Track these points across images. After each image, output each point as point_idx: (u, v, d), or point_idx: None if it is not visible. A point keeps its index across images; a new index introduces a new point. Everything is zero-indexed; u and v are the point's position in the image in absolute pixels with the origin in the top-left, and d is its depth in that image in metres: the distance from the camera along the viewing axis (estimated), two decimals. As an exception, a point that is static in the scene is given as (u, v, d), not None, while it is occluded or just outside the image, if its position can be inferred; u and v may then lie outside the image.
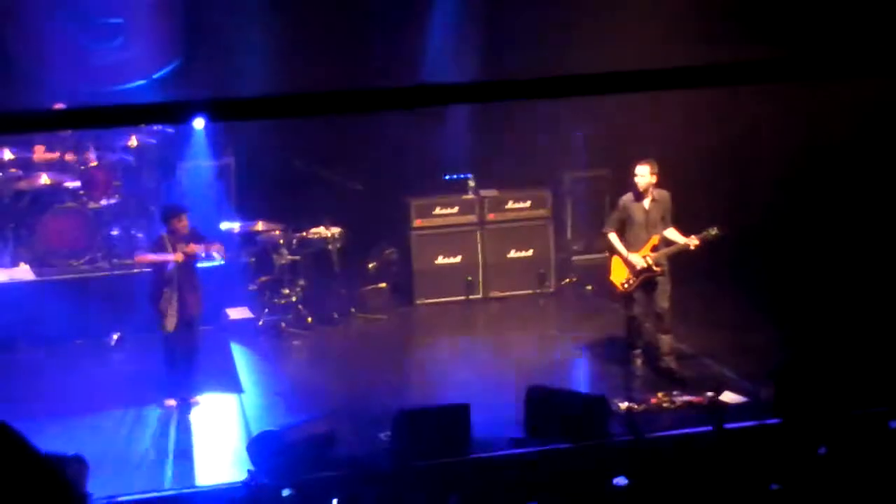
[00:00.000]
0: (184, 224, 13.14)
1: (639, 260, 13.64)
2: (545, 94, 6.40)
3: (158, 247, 13.22)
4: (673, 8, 16.13)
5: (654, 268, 13.63)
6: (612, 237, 13.79)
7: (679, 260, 13.97)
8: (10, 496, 6.10)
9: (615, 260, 13.84)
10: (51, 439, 12.05)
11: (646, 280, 13.69)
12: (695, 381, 13.48)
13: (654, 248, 13.66)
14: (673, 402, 13.00)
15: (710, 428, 11.92)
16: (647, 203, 13.67)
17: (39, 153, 15.78)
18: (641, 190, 13.59)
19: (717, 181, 16.46)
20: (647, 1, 16.35)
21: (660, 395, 13.11)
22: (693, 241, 13.53)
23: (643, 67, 6.59)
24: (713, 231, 13.49)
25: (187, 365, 13.33)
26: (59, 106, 14.99)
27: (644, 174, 13.57)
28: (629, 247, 13.70)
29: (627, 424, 12.49)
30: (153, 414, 13.18)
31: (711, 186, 16.26)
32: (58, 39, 17.16)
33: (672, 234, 13.69)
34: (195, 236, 13.24)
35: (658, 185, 13.67)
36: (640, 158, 13.68)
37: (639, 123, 16.02)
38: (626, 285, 13.76)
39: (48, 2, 17.03)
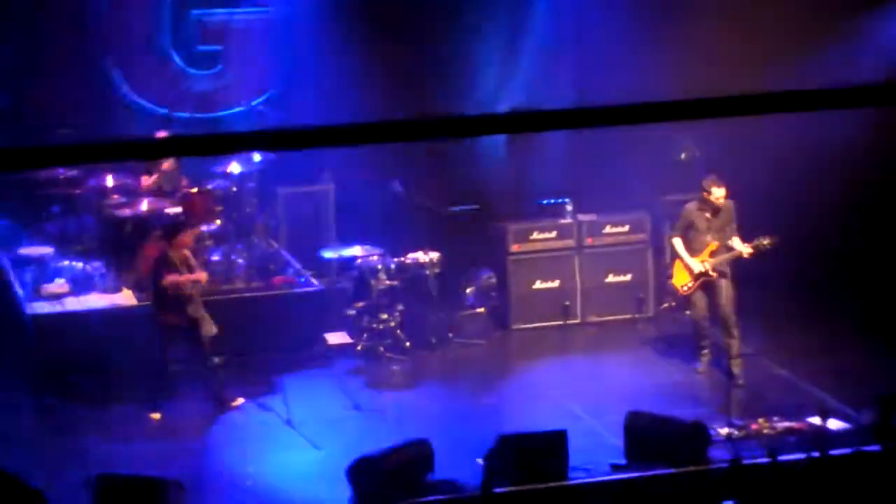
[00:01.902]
0: (187, 240, 13.72)
1: (696, 264, 14.34)
2: (638, 121, 6.36)
3: (166, 264, 13.69)
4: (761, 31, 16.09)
5: (711, 273, 14.27)
6: (676, 241, 14.57)
7: (770, 281, 14.50)
8: None
9: (677, 264, 14.59)
10: (151, 463, 12.24)
11: (704, 284, 14.33)
12: (794, 406, 13.35)
13: (713, 254, 14.28)
14: (773, 429, 12.87)
15: (809, 455, 11.79)
16: (709, 213, 14.34)
17: (144, 180, 16.01)
18: (713, 207, 14.27)
19: (813, 199, 16.29)
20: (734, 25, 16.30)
21: (760, 420, 12.99)
22: (746, 250, 14.14)
23: (734, 92, 6.54)
24: (765, 241, 14.08)
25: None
26: (161, 134, 15.22)
27: (720, 196, 14.27)
28: (691, 252, 14.38)
29: (728, 451, 12.39)
30: (252, 437, 13.28)
31: (806, 205, 16.14)
32: (158, 67, 17.43)
33: (736, 242, 14.29)
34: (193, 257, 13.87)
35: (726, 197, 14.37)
36: (716, 179, 14.28)
37: (736, 145, 15.91)
38: (685, 288, 14.49)
39: (148, 30, 17.31)
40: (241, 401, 13.79)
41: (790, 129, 15.44)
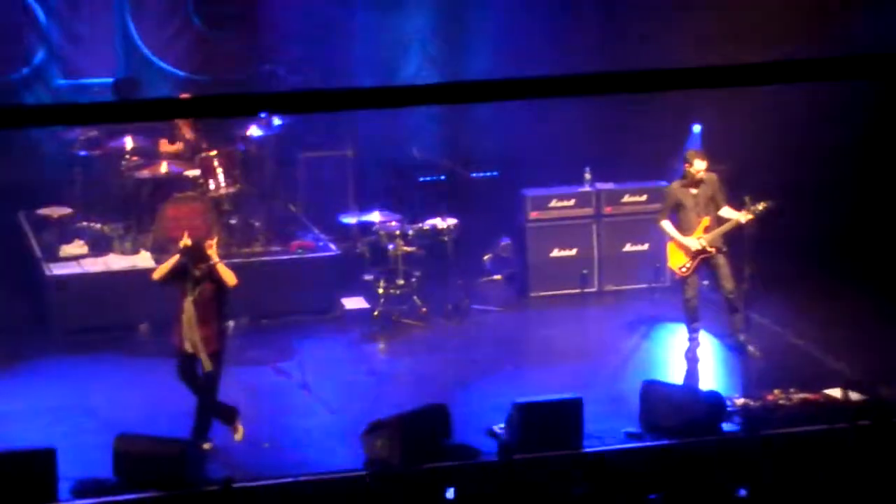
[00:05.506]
0: (210, 246, 12.36)
1: (693, 242, 14.02)
2: (657, 88, 6.36)
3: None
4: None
5: (708, 248, 13.98)
6: (665, 224, 14.23)
7: (787, 250, 14.50)
8: None
9: (671, 246, 14.29)
10: (171, 424, 12.28)
11: (702, 262, 14.04)
12: (812, 378, 13.33)
13: (707, 230, 14.00)
14: (789, 399, 12.85)
15: (830, 426, 11.80)
16: (693, 188, 14.05)
17: (163, 145, 16.01)
18: (696, 180, 13.99)
19: (838, 174, 16.23)
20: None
21: (776, 391, 12.96)
22: (745, 216, 13.84)
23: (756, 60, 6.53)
24: (762, 204, 13.80)
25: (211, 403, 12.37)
26: (184, 96, 15.22)
27: (702, 168, 13.99)
28: (683, 232, 14.09)
29: (743, 421, 12.39)
30: (268, 401, 13.32)
31: (831, 179, 16.07)
32: (179, 29, 17.48)
33: (727, 212, 14.04)
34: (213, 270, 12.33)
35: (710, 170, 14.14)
36: (700, 152, 14.26)
37: (756, 116, 15.85)
38: (683, 269, 14.16)
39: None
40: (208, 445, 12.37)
41: (804, 94, 15.41)
